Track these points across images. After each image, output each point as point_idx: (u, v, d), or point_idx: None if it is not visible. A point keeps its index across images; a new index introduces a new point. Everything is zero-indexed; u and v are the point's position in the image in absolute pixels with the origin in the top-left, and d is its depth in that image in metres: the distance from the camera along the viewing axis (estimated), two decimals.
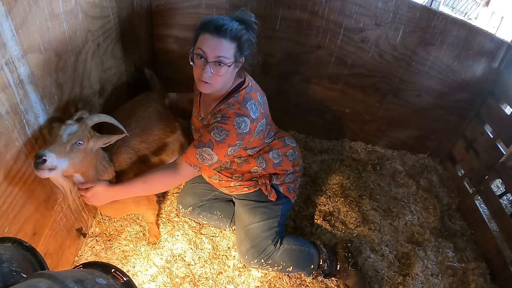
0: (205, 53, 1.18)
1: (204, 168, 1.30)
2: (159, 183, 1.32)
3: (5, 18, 0.88)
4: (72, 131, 1.11)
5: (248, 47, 1.25)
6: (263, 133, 1.40)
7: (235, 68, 1.26)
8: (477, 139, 2.21)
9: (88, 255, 1.59)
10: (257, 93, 1.35)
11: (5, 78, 0.92)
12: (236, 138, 1.25)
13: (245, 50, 1.24)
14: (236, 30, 1.18)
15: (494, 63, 2.06)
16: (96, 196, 1.27)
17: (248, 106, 1.27)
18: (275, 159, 1.50)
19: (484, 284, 1.76)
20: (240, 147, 1.31)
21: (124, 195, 1.34)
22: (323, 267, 1.57)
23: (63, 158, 1.08)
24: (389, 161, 2.41)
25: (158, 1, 1.84)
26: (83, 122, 1.16)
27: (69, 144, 1.09)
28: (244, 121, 1.25)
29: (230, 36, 1.17)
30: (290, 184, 1.58)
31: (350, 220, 1.94)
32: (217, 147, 1.24)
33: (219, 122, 1.25)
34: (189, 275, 1.57)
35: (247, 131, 1.26)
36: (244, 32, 1.22)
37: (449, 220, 2.11)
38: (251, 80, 1.39)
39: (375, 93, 2.24)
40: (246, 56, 1.27)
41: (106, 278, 0.64)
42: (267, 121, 1.40)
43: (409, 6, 1.88)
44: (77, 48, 1.31)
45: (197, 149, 1.25)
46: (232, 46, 1.19)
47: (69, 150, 1.09)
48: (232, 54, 1.20)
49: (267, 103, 1.46)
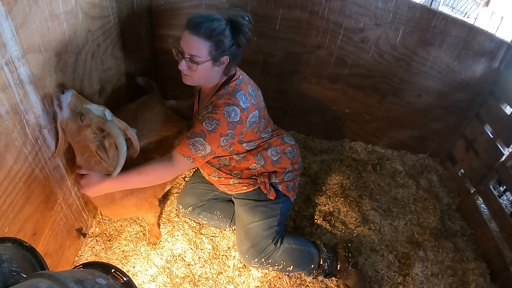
0: (182, 49, 1.24)
1: (198, 160, 1.31)
2: (154, 174, 1.32)
3: (5, 18, 0.88)
4: (93, 109, 1.18)
5: (231, 47, 1.25)
6: (256, 126, 1.41)
7: (214, 65, 1.27)
8: (477, 139, 2.21)
9: (88, 255, 1.59)
10: (248, 85, 1.37)
11: (5, 78, 0.92)
12: (227, 127, 1.27)
13: (225, 50, 1.24)
14: (213, 29, 1.19)
15: (494, 63, 2.06)
16: (89, 185, 1.26)
17: (238, 96, 1.30)
18: (273, 156, 1.51)
19: (484, 284, 1.76)
20: (233, 138, 1.32)
21: (118, 187, 1.32)
22: (324, 267, 1.57)
23: (68, 109, 1.16)
24: (389, 161, 2.41)
25: (158, 1, 1.84)
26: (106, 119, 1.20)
27: (81, 110, 1.16)
28: (234, 110, 1.27)
29: (205, 35, 1.19)
30: (289, 183, 1.58)
31: (350, 220, 1.94)
32: (209, 136, 1.27)
33: (210, 112, 1.28)
34: (189, 275, 1.57)
35: (237, 120, 1.28)
36: (225, 32, 1.22)
37: (449, 220, 2.11)
38: (243, 74, 1.42)
39: (375, 93, 2.25)
40: (231, 55, 1.27)
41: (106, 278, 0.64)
42: (260, 114, 1.40)
43: (409, 6, 1.88)
44: (77, 48, 1.31)
45: (190, 140, 1.28)
46: (207, 45, 1.20)
47: (76, 113, 1.16)
48: (206, 53, 1.22)
49: (262, 98, 1.47)
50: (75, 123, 1.17)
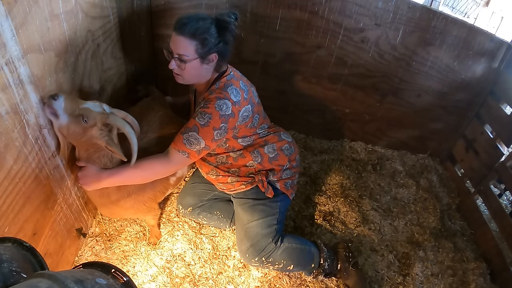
0: (171, 49, 1.29)
1: (193, 155, 1.33)
2: (149, 169, 1.32)
3: (5, 18, 0.88)
4: (91, 106, 1.15)
5: (217, 44, 1.27)
6: (250, 120, 1.42)
7: (203, 63, 1.30)
8: (477, 139, 2.21)
9: (88, 255, 1.59)
10: (239, 81, 1.39)
11: (5, 78, 0.92)
12: (220, 120, 1.29)
13: (211, 47, 1.27)
14: (197, 28, 1.23)
15: (494, 63, 2.06)
16: (86, 177, 1.26)
17: (229, 90, 1.32)
18: (270, 153, 1.52)
19: (484, 284, 1.76)
20: (226, 132, 1.34)
21: (114, 182, 1.31)
22: (324, 266, 1.57)
23: (65, 115, 1.11)
24: (389, 161, 2.41)
25: (158, 1, 1.84)
26: (107, 113, 1.18)
27: (80, 112, 1.13)
28: (225, 103, 1.29)
29: (190, 34, 1.23)
30: (287, 180, 1.58)
31: (350, 220, 1.94)
32: (202, 130, 1.29)
33: (202, 107, 1.31)
34: (189, 275, 1.57)
35: (229, 113, 1.30)
36: (210, 30, 1.25)
37: (449, 220, 2.11)
38: (235, 71, 1.44)
39: (375, 93, 2.25)
40: (219, 52, 1.29)
41: (106, 278, 0.64)
42: (253, 109, 1.42)
43: (409, 6, 1.88)
44: (77, 48, 1.31)
45: (184, 135, 1.30)
46: (193, 44, 1.24)
47: (75, 115, 1.12)
48: (193, 51, 1.25)
49: (256, 94, 1.49)
50: (79, 125, 1.14)
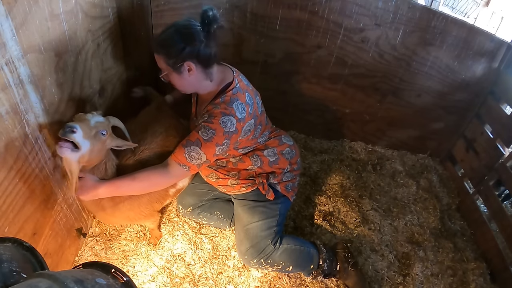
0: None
1: (193, 168, 1.31)
2: (147, 181, 1.30)
3: (5, 18, 0.88)
4: (99, 120, 1.16)
5: (183, 51, 1.21)
6: (251, 133, 1.40)
7: (182, 74, 1.27)
8: (477, 139, 2.21)
9: (88, 255, 1.59)
10: (245, 94, 1.35)
11: (5, 78, 0.92)
12: (223, 137, 1.26)
13: (177, 57, 1.22)
14: (158, 42, 1.25)
15: (494, 63, 2.06)
16: (83, 188, 1.24)
17: (234, 106, 1.29)
18: (270, 157, 1.51)
19: (484, 284, 1.76)
20: (228, 147, 1.32)
21: (112, 192, 1.29)
22: (323, 267, 1.57)
23: (87, 140, 1.09)
24: (389, 161, 2.41)
25: (158, 1, 1.83)
26: (107, 118, 1.21)
27: (95, 130, 1.12)
28: (230, 120, 1.27)
29: (156, 50, 1.26)
30: (288, 183, 1.58)
31: (350, 220, 1.94)
32: (205, 145, 1.26)
33: (206, 121, 1.28)
34: (189, 275, 1.57)
35: (233, 130, 1.28)
36: (170, 41, 1.21)
37: (449, 220, 2.11)
38: (241, 81, 1.39)
39: (375, 93, 2.24)
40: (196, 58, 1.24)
41: (106, 278, 0.64)
42: (255, 122, 1.39)
43: (409, 6, 1.88)
44: (77, 48, 1.31)
45: (186, 148, 1.27)
46: (161, 58, 1.26)
47: (94, 135, 1.11)
48: (164, 65, 1.27)
49: (260, 103, 1.46)
50: (99, 142, 1.14)
